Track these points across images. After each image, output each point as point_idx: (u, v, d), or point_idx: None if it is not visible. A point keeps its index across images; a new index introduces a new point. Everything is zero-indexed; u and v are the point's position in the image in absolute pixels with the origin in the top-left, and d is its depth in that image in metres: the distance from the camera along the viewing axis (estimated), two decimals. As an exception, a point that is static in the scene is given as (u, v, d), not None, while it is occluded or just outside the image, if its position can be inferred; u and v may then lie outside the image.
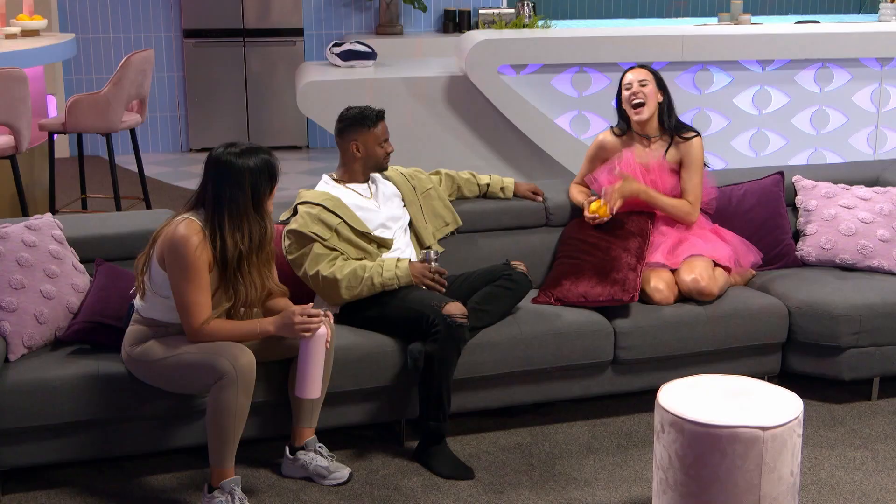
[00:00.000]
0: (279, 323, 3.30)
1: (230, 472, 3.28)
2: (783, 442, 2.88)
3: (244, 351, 3.23)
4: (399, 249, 3.90)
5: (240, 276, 3.28)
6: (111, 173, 6.10)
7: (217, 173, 3.26)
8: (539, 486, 3.51)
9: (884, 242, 4.32)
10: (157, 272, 3.29)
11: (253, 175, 3.26)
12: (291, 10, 8.75)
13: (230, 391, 3.17)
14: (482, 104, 6.06)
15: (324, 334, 3.33)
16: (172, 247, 3.21)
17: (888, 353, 4.10)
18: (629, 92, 4.21)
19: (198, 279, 3.21)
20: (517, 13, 8.67)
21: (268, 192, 3.32)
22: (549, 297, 4.01)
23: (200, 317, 3.23)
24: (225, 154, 3.27)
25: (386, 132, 3.90)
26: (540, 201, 4.41)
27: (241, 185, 3.25)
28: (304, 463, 3.50)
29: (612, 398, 4.13)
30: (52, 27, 8.28)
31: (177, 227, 3.23)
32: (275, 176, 3.33)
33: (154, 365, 3.30)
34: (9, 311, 3.46)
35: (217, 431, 3.22)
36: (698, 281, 3.98)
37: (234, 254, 3.25)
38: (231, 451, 3.26)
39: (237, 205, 3.25)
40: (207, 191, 3.27)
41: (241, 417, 3.23)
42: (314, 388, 3.36)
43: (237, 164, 3.25)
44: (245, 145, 3.32)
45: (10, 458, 3.40)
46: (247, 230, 3.26)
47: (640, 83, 4.20)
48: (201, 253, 3.20)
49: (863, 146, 6.50)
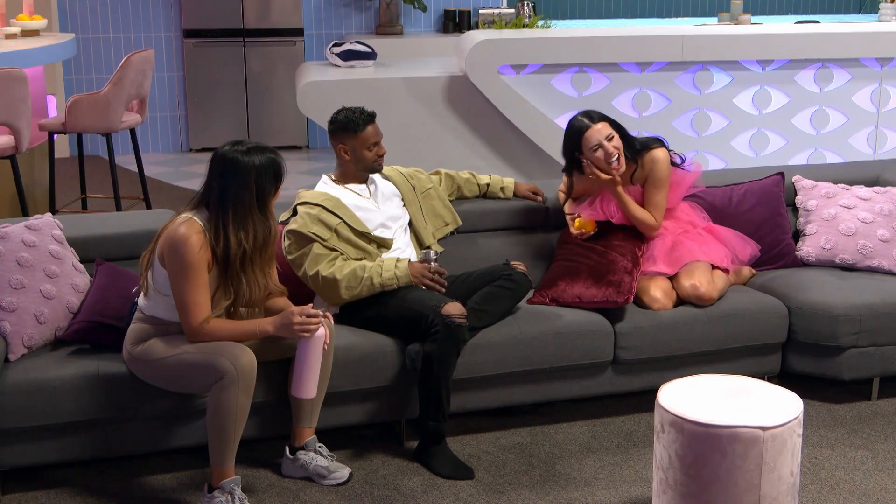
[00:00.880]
0: (278, 323, 3.30)
1: (230, 472, 3.28)
2: (783, 442, 2.88)
3: (245, 351, 3.23)
4: (399, 249, 3.90)
5: (242, 275, 3.28)
6: (111, 173, 6.10)
7: (223, 171, 3.26)
8: (539, 486, 3.51)
9: (884, 242, 4.32)
10: (158, 270, 3.29)
11: (259, 174, 3.25)
12: (291, 10, 8.75)
13: (231, 391, 3.17)
14: (482, 104, 6.06)
15: (322, 335, 3.33)
16: (172, 246, 3.21)
17: (888, 353, 4.10)
18: (602, 153, 3.97)
19: (196, 278, 3.21)
20: (517, 13, 8.67)
21: (273, 191, 3.31)
22: (544, 298, 4.01)
23: (199, 316, 3.23)
24: (231, 152, 3.27)
25: (376, 135, 3.86)
26: (540, 201, 4.41)
27: (246, 184, 3.24)
28: (304, 463, 3.50)
29: (612, 398, 4.13)
30: (52, 27, 8.28)
31: (178, 227, 3.23)
32: (280, 175, 3.33)
33: (155, 364, 3.30)
34: (9, 311, 3.46)
35: (217, 431, 3.22)
36: (697, 287, 3.98)
37: (238, 252, 3.25)
38: (231, 451, 3.26)
39: (242, 203, 3.24)
40: (212, 189, 3.27)
41: (241, 417, 3.22)
42: (310, 388, 3.36)
43: (243, 161, 3.24)
44: (251, 144, 3.31)
45: (10, 458, 3.40)
46: (251, 229, 3.26)
47: (608, 138, 3.97)
48: (200, 252, 3.20)
49: (863, 146, 6.50)
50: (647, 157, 4.08)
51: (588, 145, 4.00)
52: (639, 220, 4.08)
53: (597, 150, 3.98)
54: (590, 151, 4.00)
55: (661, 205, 4.12)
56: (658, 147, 4.11)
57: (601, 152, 3.98)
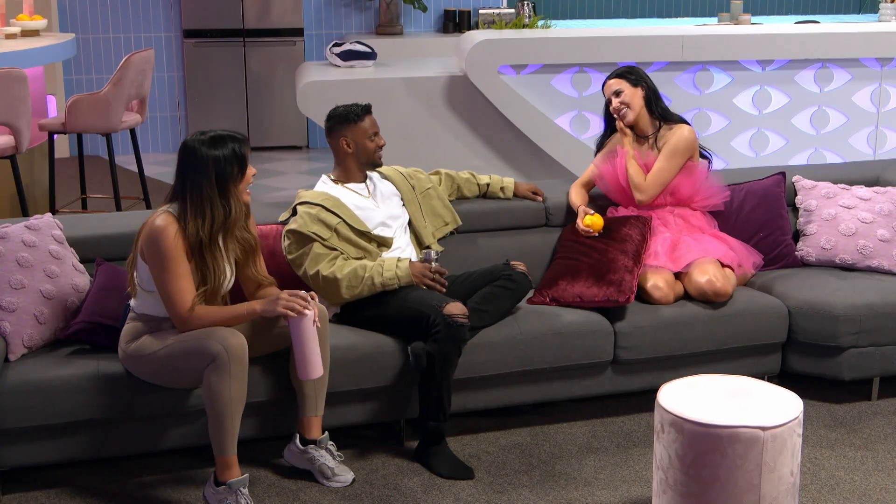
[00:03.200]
0: (265, 301, 3.32)
1: (233, 462, 3.26)
2: (783, 442, 2.88)
3: (234, 333, 3.24)
4: (399, 248, 3.90)
5: (206, 261, 3.29)
6: (111, 173, 6.10)
7: (183, 161, 3.31)
8: (539, 486, 3.52)
9: (884, 242, 4.32)
10: (142, 267, 3.31)
11: (217, 161, 3.27)
12: (291, 10, 8.75)
13: (222, 373, 3.17)
14: (482, 104, 6.06)
15: (311, 316, 3.33)
16: (150, 239, 3.24)
17: (888, 353, 4.10)
18: (612, 107, 4.31)
19: (175, 267, 3.22)
20: (517, 13, 8.67)
21: (236, 176, 3.31)
22: (544, 297, 4.01)
23: (185, 304, 3.25)
24: (191, 141, 3.31)
25: (374, 126, 3.90)
26: (540, 201, 4.41)
27: (204, 171, 3.26)
28: (313, 458, 3.49)
29: (612, 398, 4.13)
30: (52, 27, 8.28)
31: (154, 220, 3.26)
32: (242, 160, 3.32)
33: (147, 359, 3.31)
34: (9, 311, 3.46)
35: (214, 417, 3.21)
36: (713, 282, 3.97)
37: (196, 240, 3.26)
38: (230, 440, 3.24)
39: (200, 191, 3.26)
40: (178, 179, 3.32)
41: (236, 402, 3.21)
42: (315, 367, 3.35)
43: (201, 150, 3.27)
44: (214, 132, 3.33)
45: (10, 458, 3.40)
46: (209, 216, 3.27)
47: (615, 94, 4.28)
48: (176, 241, 3.22)
49: (863, 146, 6.50)
50: (675, 128, 4.28)
51: (605, 96, 4.37)
52: (630, 176, 4.23)
53: (610, 103, 4.32)
54: (608, 105, 4.35)
55: (662, 175, 4.20)
56: (686, 125, 4.31)
57: (611, 107, 4.32)
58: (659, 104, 4.32)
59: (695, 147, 4.27)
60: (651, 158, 4.24)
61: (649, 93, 4.29)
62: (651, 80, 4.34)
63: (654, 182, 4.21)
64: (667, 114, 4.34)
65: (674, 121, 4.31)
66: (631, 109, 4.25)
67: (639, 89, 4.27)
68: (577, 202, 4.31)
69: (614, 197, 4.34)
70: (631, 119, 4.26)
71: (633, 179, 4.22)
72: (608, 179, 4.30)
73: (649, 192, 4.21)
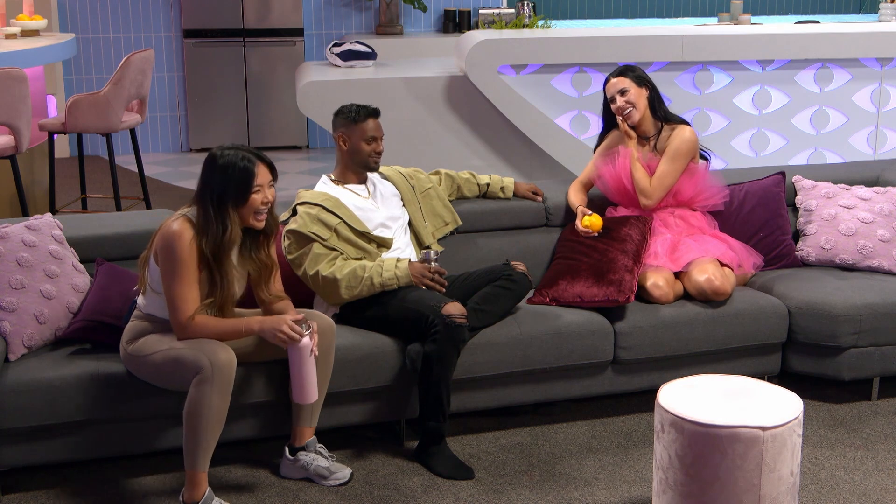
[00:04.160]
0: (265, 323, 3.30)
1: (203, 480, 3.23)
2: (783, 442, 2.88)
3: (225, 349, 3.23)
4: (399, 249, 3.90)
5: (215, 273, 3.28)
6: (111, 173, 6.10)
7: (203, 168, 3.32)
8: (539, 486, 3.51)
9: (884, 242, 4.32)
10: (153, 268, 3.31)
11: (221, 181, 3.25)
12: (291, 10, 8.75)
13: (205, 388, 3.15)
14: (482, 104, 6.06)
15: (308, 345, 3.32)
16: (164, 242, 3.24)
17: (888, 353, 4.10)
18: (615, 106, 4.27)
19: (184, 274, 3.22)
20: (517, 13, 8.67)
21: (239, 201, 3.26)
22: (544, 297, 4.01)
23: (187, 311, 3.24)
24: (214, 151, 3.32)
25: (376, 130, 3.88)
26: (540, 201, 4.41)
27: (211, 186, 3.26)
28: (305, 464, 3.50)
29: (612, 398, 4.13)
30: (52, 27, 8.29)
31: (171, 224, 3.26)
32: (246, 186, 3.25)
33: (145, 360, 3.31)
34: (9, 311, 3.46)
35: (190, 430, 3.18)
36: (712, 280, 3.97)
37: (207, 250, 3.25)
38: (203, 455, 3.21)
39: (204, 204, 3.26)
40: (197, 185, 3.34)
41: (215, 419, 3.18)
42: (310, 393, 3.38)
43: (214, 164, 3.28)
44: (239, 150, 3.29)
45: (10, 458, 3.40)
46: (210, 230, 3.24)
47: (620, 93, 4.25)
48: (190, 248, 3.21)
49: (863, 146, 6.50)
50: (677, 130, 4.25)
51: (607, 95, 4.32)
52: (636, 181, 4.20)
53: (613, 102, 4.28)
54: (611, 103, 4.30)
55: (666, 180, 4.20)
56: (688, 126, 4.28)
57: (615, 106, 4.27)
58: (661, 105, 4.32)
59: (697, 148, 4.27)
60: (652, 161, 4.24)
61: (653, 93, 4.29)
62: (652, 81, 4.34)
63: (660, 186, 4.20)
64: (668, 115, 4.33)
65: (675, 122, 4.31)
66: (636, 109, 4.23)
67: (644, 89, 4.26)
68: (576, 202, 4.31)
69: (614, 198, 4.33)
70: (636, 119, 4.24)
71: (639, 185, 4.19)
72: (608, 180, 4.29)
73: (655, 197, 4.21)
